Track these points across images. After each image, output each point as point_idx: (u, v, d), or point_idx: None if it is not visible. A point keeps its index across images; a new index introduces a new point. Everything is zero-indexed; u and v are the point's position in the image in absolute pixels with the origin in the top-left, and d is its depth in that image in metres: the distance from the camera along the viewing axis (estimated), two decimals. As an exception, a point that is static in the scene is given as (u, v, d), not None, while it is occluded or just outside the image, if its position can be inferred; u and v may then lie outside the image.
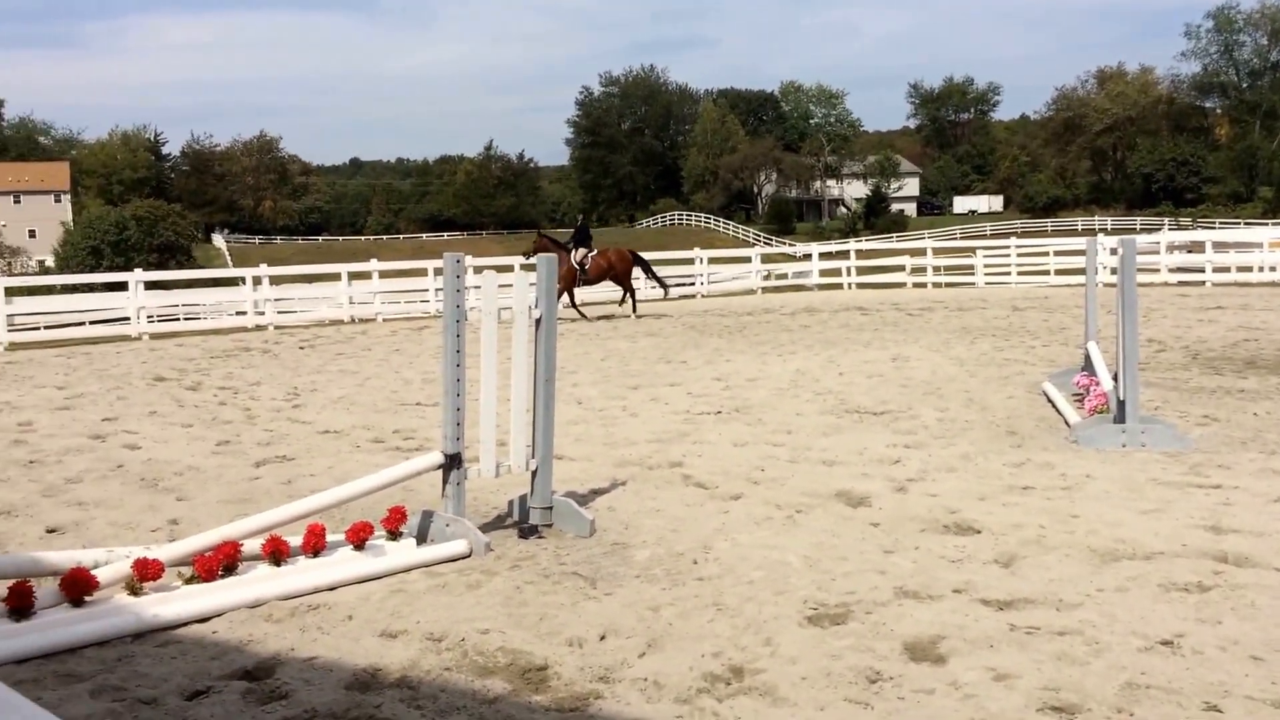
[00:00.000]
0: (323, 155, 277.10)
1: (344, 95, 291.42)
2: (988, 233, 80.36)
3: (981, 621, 4.72)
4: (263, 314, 23.90)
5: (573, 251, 23.22)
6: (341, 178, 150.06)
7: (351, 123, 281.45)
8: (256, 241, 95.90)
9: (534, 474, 6.43)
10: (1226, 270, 29.22)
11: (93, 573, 4.93)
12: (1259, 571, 5.29)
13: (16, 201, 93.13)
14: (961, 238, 73.36)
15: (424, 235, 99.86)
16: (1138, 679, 4.08)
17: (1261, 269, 28.95)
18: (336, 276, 26.09)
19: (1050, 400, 10.51)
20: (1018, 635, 4.55)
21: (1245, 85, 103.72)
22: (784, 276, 35.33)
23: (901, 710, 3.91)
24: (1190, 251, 32.30)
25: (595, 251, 23.59)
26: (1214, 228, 61.80)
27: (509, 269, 22.94)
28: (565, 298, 21.32)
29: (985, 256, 33.16)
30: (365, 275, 26.49)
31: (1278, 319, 18.31)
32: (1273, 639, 4.43)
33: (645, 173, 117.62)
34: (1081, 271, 13.72)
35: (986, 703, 3.92)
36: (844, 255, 34.94)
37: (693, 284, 31.80)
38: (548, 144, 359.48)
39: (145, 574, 4.97)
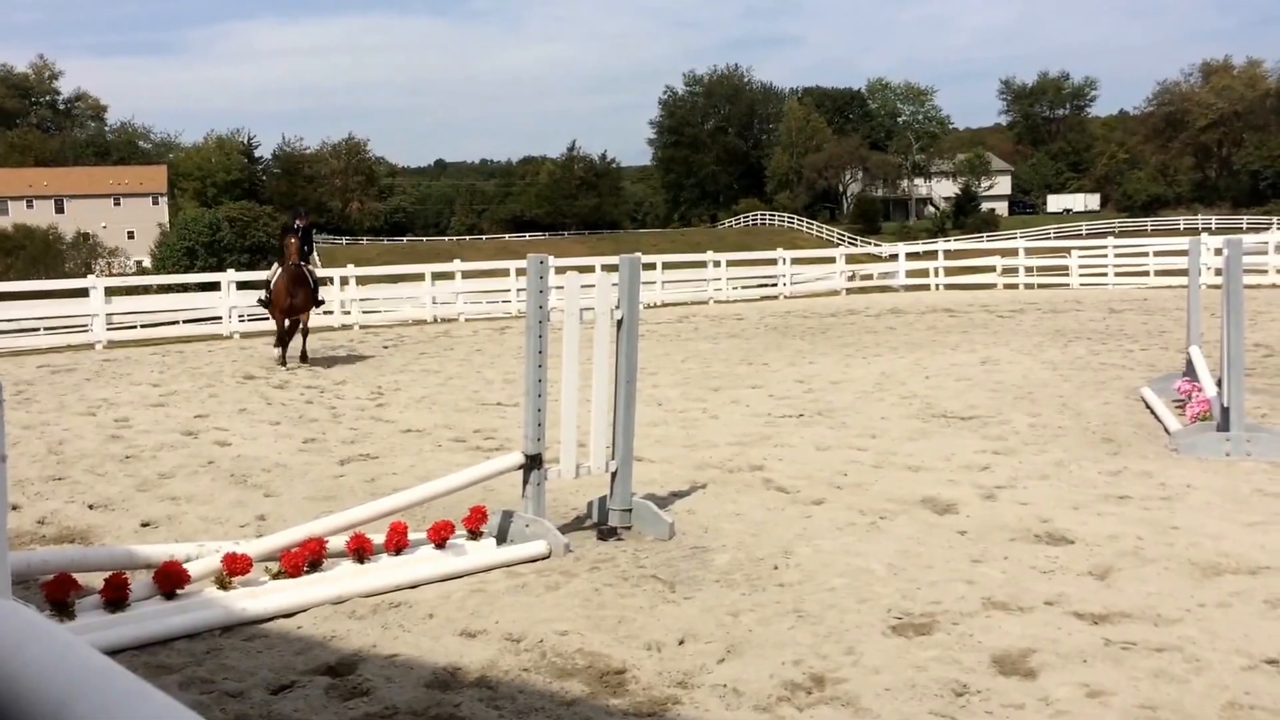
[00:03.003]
0: (409, 157, 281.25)
1: (430, 97, 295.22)
2: (1083, 232, 78.36)
3: (1074, 635, 4.57)
4: (349, 313, 24.28)
5: None
6: (427, 179, 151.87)
7: (437, 124, 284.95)
8: (343, 242, 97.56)
9: (613, 476, 6.41)
10: (1337, 271, 28.11)
11: (184, 566, 5.03)
12: (1371, 588, 5.05)
13: (116, 204, 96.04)
14: (1055, 237, 71.74)
15: (506, 236, 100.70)
16: (1241, 699, 3.91)
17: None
18: (420, 277, 26.39)
19: (1149, 406, 10.18)
20: (1113, 650, 4.39)
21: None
22: (869, 277, 34.90)
23: (989, 725, 3.80)
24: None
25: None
26: (1322, 227, 59.53)
27: (591, 269, 23.02)
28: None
29: (1080, 257, 32.33)
30: (448, 275, 26.77)
31: (1390, 323, 17.56)
32: (1386, 660, 4.22)
33: (728, 172, 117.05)
34: (1183, 272, 13.29)
35: (1079, 720, 3.79)
36: (931, 255, 34.39)
37: (774, 284, 31.60)
38: (631, 144, 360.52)
39: (234, 569, 5.06)
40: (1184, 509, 6.59)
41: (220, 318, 22.99)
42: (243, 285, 24.85)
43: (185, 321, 24.55)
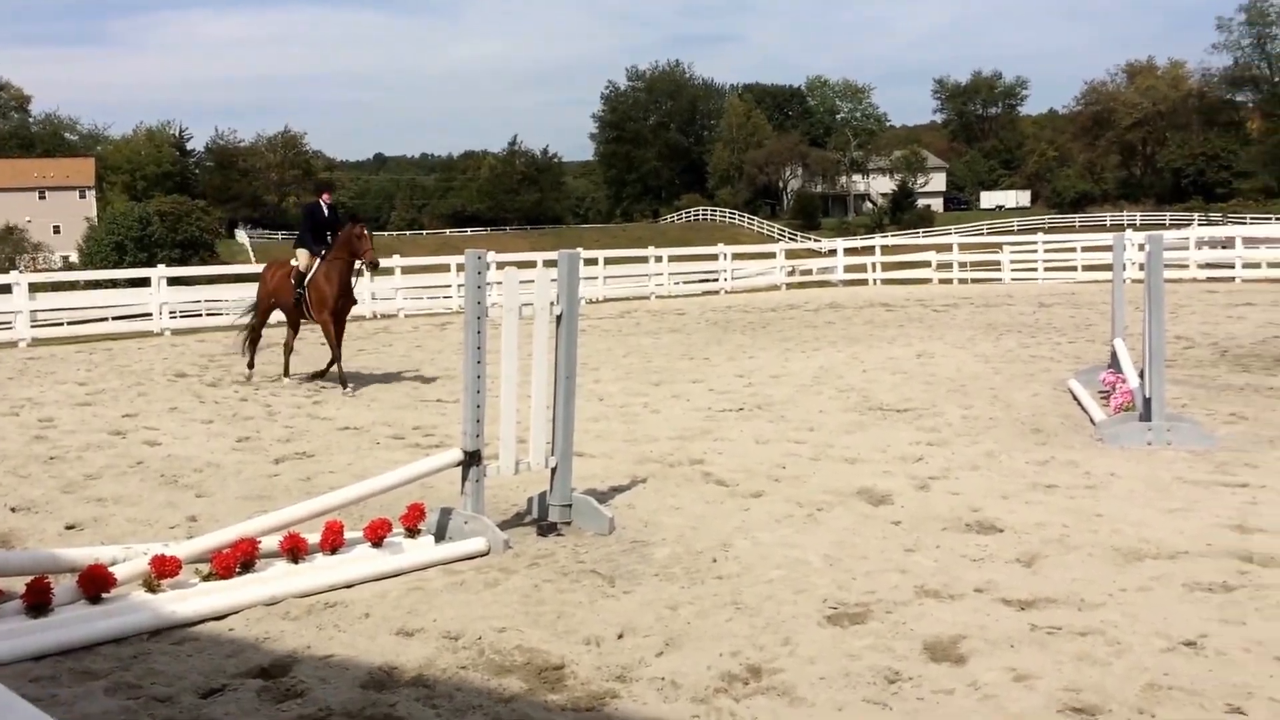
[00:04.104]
0: (347, 151, 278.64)
1: (370, 90, 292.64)
2: (1015, 228, 79.71)
3: (1002, 621, 4.67)
4: (286, 310, 23.94)
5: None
6: (365, 173, 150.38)
7: (376, 118, 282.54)
8: (280, 237, 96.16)
9: (553, 471, 6.42)
10: (1257, 266, 28.86)
11: (110, 570, 4.95)
12: (1286, 572, 5.21)
13: (42, 197, 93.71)
14: (988, 233, 72.78)
15: (447, 231, 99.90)
16: (1160, 680, 4.02)
17: (1293, 265, 28.58)
18: (358, 272, 26.06)
19: (1076, 398, 10.41)
20: (1039, 635, 4.50)
21: (1277, 79, 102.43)
22: (809, 272, 35.19)
23: (920, 711, 3.87)
24: (1224, 247, 31.92)
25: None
26: (1245, 223, 61.10)
27: (532, 265, 22.95)
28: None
29: (1012, 252, 32.88)
30: (387, 271, 26.47)
31: (1309, 315, 18.07)
32: (1299, 641, 4.36)
33: (670, 168, 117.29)
34: (1109, 268, 13.60)
35: (1006, 704, 3.88)
36: (869, 251, 34.77)
37: (715, 280, 31.75)
38: (573, 139, 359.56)
39: (163, 571, 4.99)
40: (1108, 497, 6.75)
41: (150, 315, 22.58)
42: (174, 281, 24.45)
43: (114, 319, 24.09)
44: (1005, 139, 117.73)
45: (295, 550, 5.44)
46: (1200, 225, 60.31)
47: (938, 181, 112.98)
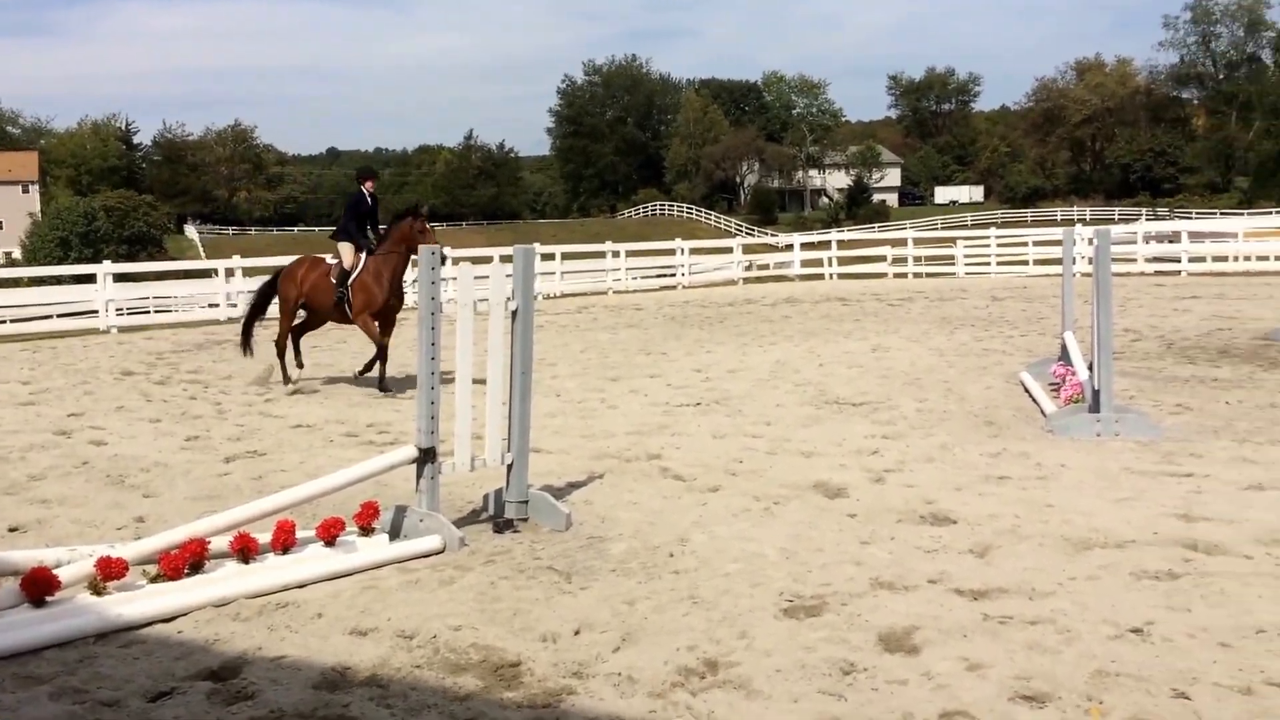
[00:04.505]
0: (299, 145, 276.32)
1: (322, 84, 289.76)
2: (968, 223, 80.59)
3: (955, 611, 4.71)
4: (235, 306, 23.67)
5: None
6: (318, 168, 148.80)
7: (329, 112, 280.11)
8: (230, 233, 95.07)
9: (509, 468, 6.39)
10: (1202, 260, 29.38)
11: (54, 572, 4.85)
12: (1228, 559, 5.32)
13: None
14: (943, 228, 73.55)
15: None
16: (1108, 667, 4.08)
17: (1236, 259, 29.10)
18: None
19: (1027, 390, 10.53)
20: (991, 625, 4.55)
21: (1222, 76, 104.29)
22: (765, 267, 35.34)
23: (874, 701, 3.89)
24: (1171, 241, 32.43)
25: None
26: (1190, 218, 62.10)
27: (489, 260, 22.85)
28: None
29: (965, 247, 33.22)
30: (342, 267, 26.26)
31: (1252, 308, 18.41)
32: (1241, 626, 4.45)
33: (627, 163, 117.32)
34: (1059, 262, 13.81)
35: (959, 693, 3.91)
36: (825, 246, 34.94)
37: (673, 275, 31.79)
38: (530, 134, 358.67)
39: (109, 573, 4.90)
40: (1058, 488, 6.84)
41: (96, 312, 22.23)
42: (121, 277, 24.07)
43: (58, 316, 23.68)
44: (959, 135, 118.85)
45: (246, 550, 5.37)
46: (1148, 220, 61.16)
47: (893, 177, 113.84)
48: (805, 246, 35.59)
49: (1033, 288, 25.49)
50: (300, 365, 12.70)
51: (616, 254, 30.78)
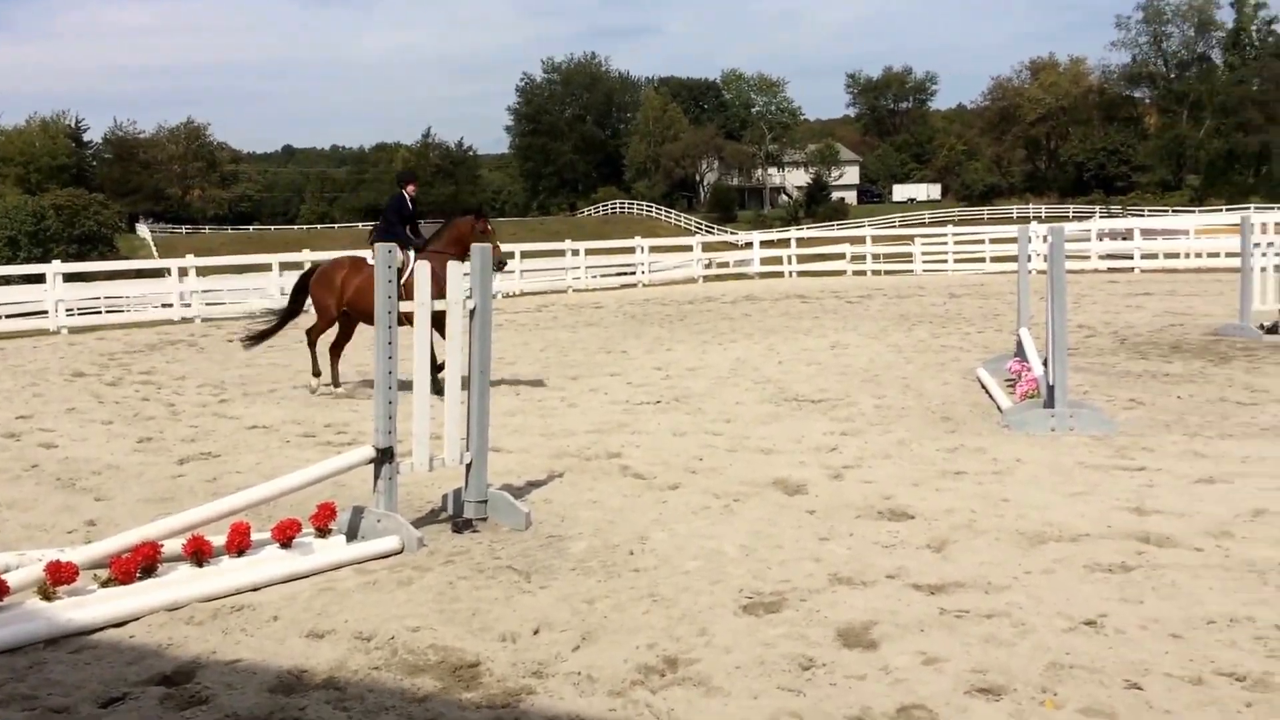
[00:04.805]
0: (254, 143, 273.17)
1: (278, 81, 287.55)
2: (926, 221, 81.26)
3: (913, 606, 4.74)
4: (189, 306, 23.45)
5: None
6: (274, 166, 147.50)
7: (285, 109, 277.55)
8: (184, 231, 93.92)
9: (468, 467, 6.36)
10: (1154, 257, 29.77)
11: (2, 577, 4.77)
12: (1179, 551, 5.39)
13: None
14: (901, 226, 74.14)
15: (360, 224, 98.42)
16: (1062, 659, 4.13)
17: (1188, 256, 29.53)
18: (267, 267, 25.70)
19: (984, 386, 10.63)
20: (947, 619, 4.58)
21: (1173, 76, 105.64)
22: (725, 265, 35.40)
23: (833, 696, 3.91)
24: (1124, 239, 32.84)
25: None
26: (1143, 215, 62.98)
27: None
28: None
29: (923, 244, 33.48)
30: (298, 266, 26.05)
31: (1203, 304, 18.69)
32: (1192, 617, 4.51)
33: (587, 161, 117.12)
34: (1015, 259, 13.97)
35: (916, 686, 3.94)
36: (785, 244, 35.07)
37: (633, 273, 31.79)
38: (488, 132, 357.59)
39: (58, 577, 4.82)
40: (1014, 482, 6.91)
41: (46, 312, 21.89)
42: (71, 277, 23.71)
43: (7, 316, 23.30)
44: (916, 133, 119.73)
45: (199, 553, 5.30)
46: (1101, 218, 61.91)
47: (851, 175, 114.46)
48: (765, 244, 35.70)
49: (989, 285, 25.74)
50: (317, 374, 12.23)
51: (576, 252, 30.74)
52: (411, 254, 11.47)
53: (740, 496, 6.78)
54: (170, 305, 23.64)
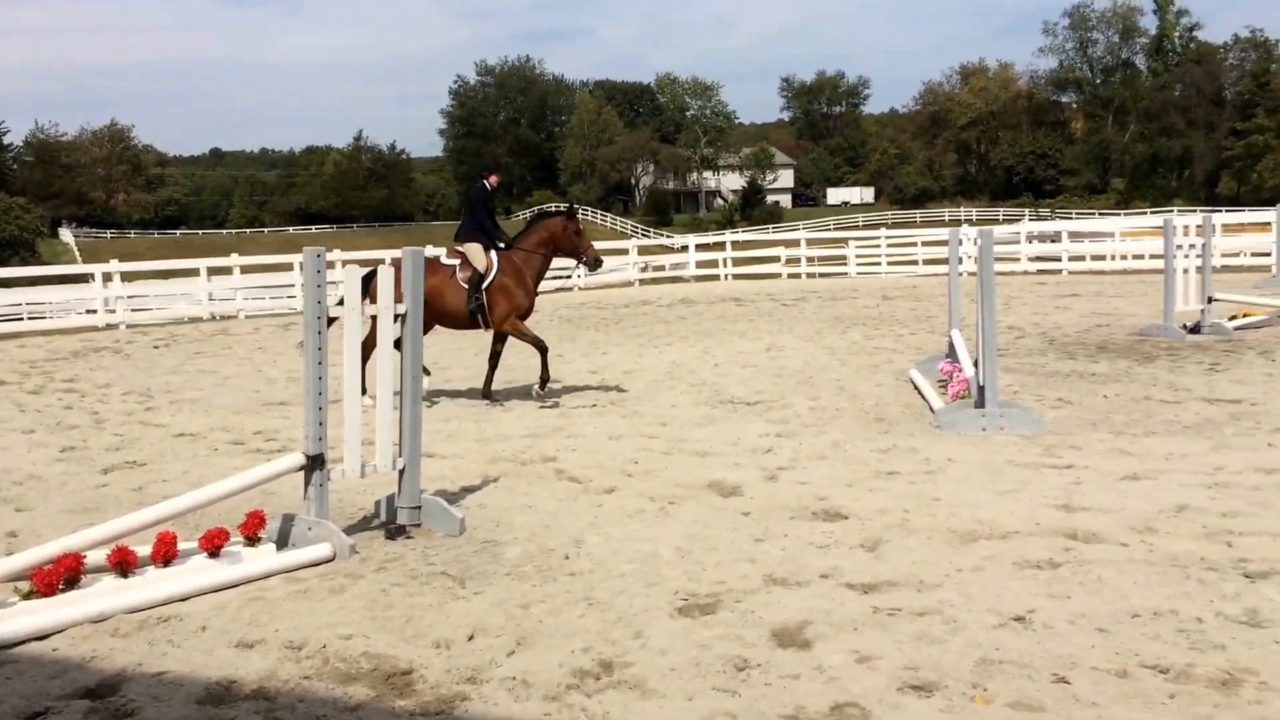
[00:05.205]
0: (181, 145, 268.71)
1: (205, 82, 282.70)
2: (860, 224, 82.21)
3: (846, 605, 4.78)
4: (114, 312, 22.97)
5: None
6: (201, 169, 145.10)
7: (212, 111, 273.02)
8: (109, 236, 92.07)
9: (401, 473, 6.29)
10: (1082, 259, 30.33)
11: (-80, 591, 4.63)
12: (1106, 547, 5.49)
13: None
14: (835, 229, 74.87)
15: (291, 229, 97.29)
16: (992, 655, 4.18)
17: (1113, 258, 30.12)
18: (195, 272, 25.30)
19: (916, 387, 10.75)
20: (880, 617, 4.62)
21: (1099, 81, 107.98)
22: (661, 268, 35.48)
23: (768, 696, 3.93)
24: (1053, 241, 33.42)
25: None
26: (1070, 218, 64.19)
27: (382, 262, 22.51)
28: None
29: (857, 247, 33.83)
30: (226, 270, 25.70)
31: (1128, 305, 19.09)
32: (1117, 611, 4.60)
33: (522, 164, 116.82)
34: (947, 261, 14.18)
35: (849, 685, 3.97)
36: (720, 247, 35.24)
37: (569, 276, 31.70)
38: (422, 134, 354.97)
39: (-22, 590, 4.69)
40: (945, 481, 7.00)
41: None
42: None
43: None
44: (849, 137, 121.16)
45: (124, 564, 5.18)
46: (1030, 220, 63.04)
47: (786, 178, 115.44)
48: (700, 248, 35.88)
49: (922, 287, 26.07)
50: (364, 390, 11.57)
51: (512, 256, 30.52)
52: (494, 255, 11.00)
53: (676, 499, 6.79)
54: (94, 311, 23.14)
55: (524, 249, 11.02)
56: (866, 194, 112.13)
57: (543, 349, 11.06)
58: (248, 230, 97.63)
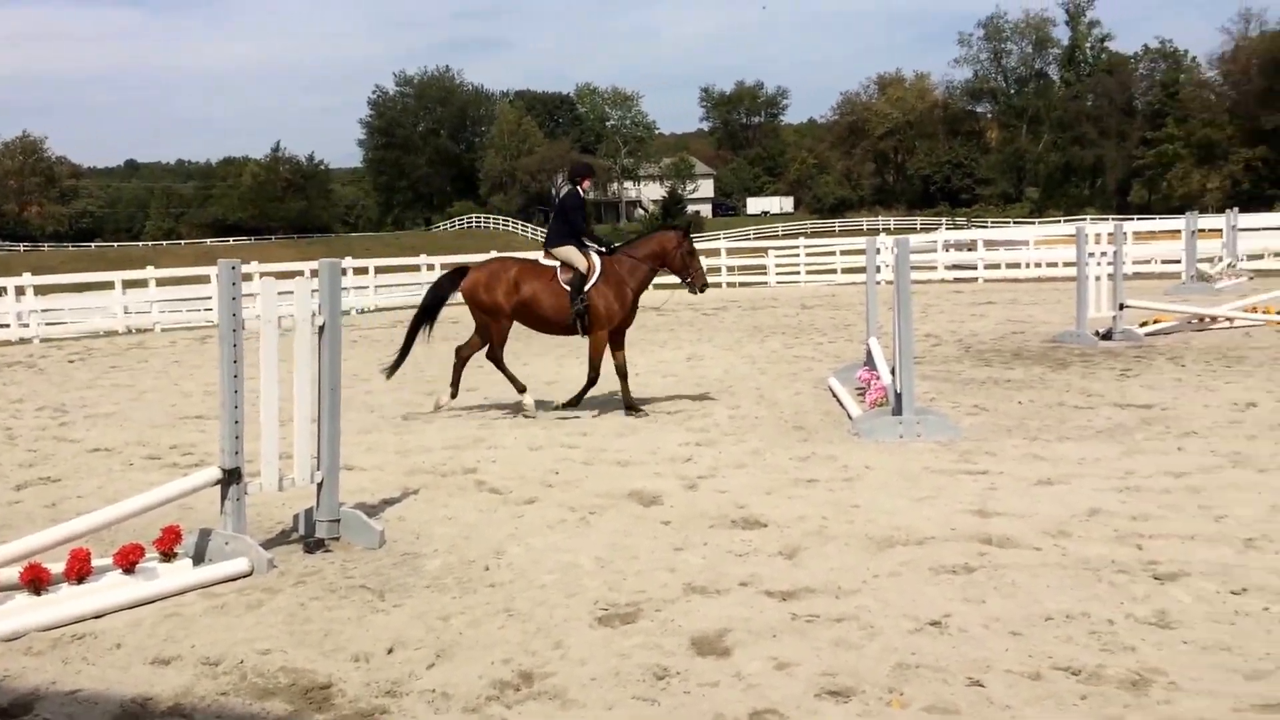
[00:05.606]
0: (95, 157, 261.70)
1: (120, 93, 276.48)
2: (779, 233, 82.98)
3: (765, 613, 4.85)
4: (27, 326, 22.41)
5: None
6: (116, 180, 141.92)
7: (127, 122, 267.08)
8: (21, 249, 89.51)
9: (320, 486, 6.24)
10: (997, 267, 31.00)
11: None
12: (1019, 552, 5.62)
13: None
14: (755, 238, 75.55)
15: (208, 240, 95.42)
16: (908, 659, 4.27)
17: (1028, 266, 30.84)
18: (110, 285, 24.79)
19: (835, 395, 10.90)
20: (799, 624, 4.70)
21: (1013, 91, 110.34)
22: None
23: (687, 704, 3.97)
24: (969, 250, 34.08)
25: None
26: (986, 227, 65.52)
27: (300, 274, 22.24)
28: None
29: (776, 256, 34.21)
30: (142, 283, 25.20)
31: (1042, 312, 19.55)
32: (1031, 614, 4.71)
33: (441, 175, 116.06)
34: (865, 270, 14.41)
35: (768, 691, 4.03)
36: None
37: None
38: (340, 145, 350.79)
39: (-119, 612, 4.55)
40: (863, 488, 7.12)
41: None
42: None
43: None
44: (769, 147, 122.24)
45: (37, 581, 5.07)
46: (947, 229, 64.25)
47: (706, 188, 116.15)
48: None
49: (840, 296, 26.44)
50: (455, 395, 11.00)
51: (432, 267, 30.46)
52: (596, 259, 10.62)
53: (596, 509, 6.82)
54: (7, 325, 22.53)
55: (632, 257, 10.70)
56: (786, 203, 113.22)
57: (591, 381, 10.80)
58: (164, 242, 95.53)
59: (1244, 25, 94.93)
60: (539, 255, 11.30)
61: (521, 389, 10.84)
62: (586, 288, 10.48)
